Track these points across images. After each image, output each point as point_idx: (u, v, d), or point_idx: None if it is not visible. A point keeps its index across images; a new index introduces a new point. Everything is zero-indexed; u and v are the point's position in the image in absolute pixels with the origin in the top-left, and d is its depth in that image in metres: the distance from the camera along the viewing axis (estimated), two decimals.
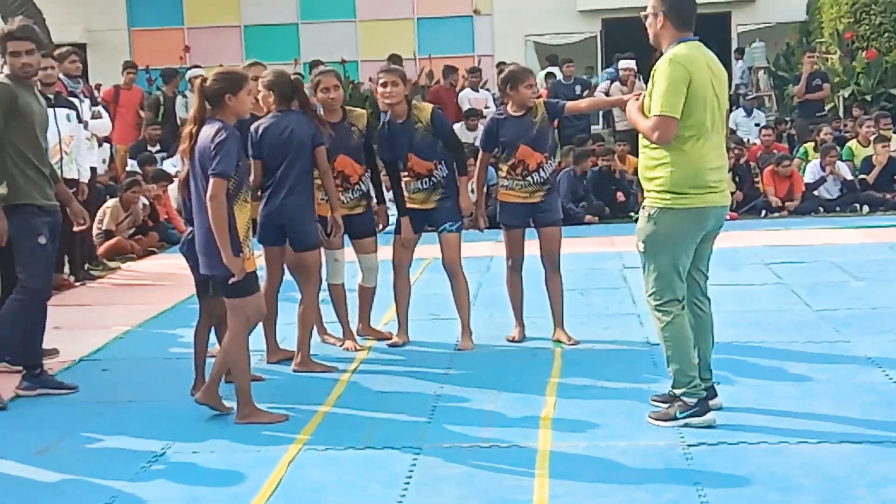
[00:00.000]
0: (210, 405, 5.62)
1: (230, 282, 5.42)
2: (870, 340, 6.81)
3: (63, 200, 6.47)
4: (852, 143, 14.92)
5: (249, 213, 5.56)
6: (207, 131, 5.40)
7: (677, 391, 5.26)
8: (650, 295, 5.30)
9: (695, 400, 5.22)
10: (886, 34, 18.93)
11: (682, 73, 5.08)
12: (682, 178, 5.14)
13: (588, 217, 13.21)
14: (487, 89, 17.60)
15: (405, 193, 7.04)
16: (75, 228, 6.81)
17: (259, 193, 6.47)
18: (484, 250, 10.17)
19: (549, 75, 16.60)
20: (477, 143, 8.68)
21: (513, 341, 7.15)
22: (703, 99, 5.12)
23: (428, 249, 7.33)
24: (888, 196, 13.75)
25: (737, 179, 13.63)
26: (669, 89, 5.08)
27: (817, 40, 20.53)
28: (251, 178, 6.45)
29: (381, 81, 6.91)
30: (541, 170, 6.94)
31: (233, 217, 5.39)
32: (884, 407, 5.48)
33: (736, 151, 13.75)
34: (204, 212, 5.40)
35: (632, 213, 13.15)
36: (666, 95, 5.08)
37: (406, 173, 7.02)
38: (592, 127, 17.91)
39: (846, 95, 18.38)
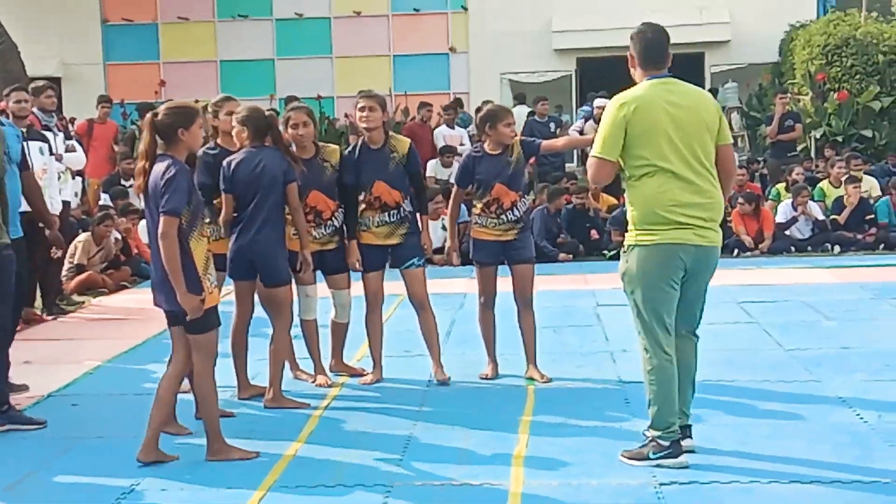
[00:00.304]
0: (153, 461, 5.44)
1: (188, 318, 5.38)
2: (841, 380, 6.84)
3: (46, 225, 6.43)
4: (824, 184, 15.05)
5: (207, 246, 5.50)
6: (158, 168, 5.34)
7: (653, 433, 5.26)
8: (637, 334, 5.31)
9: (668, 442, 5.22)
10: (858, 76, 19.14)
11: (619, 114, 5.16)
12: (641, 215, 5.19)
13: (562, 255, 13.24)
14: (462, 126, 17.67)
15: (366, 227, 7.00)
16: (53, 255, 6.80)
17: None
18: (457, 287, 10.17)
19: (531, 113, 16.73)
20: (452, 180, 8.69)
21: (485, 379, 7.14)
22: (653, 136, 5.12)
23: (402, 286, 7.32)
24: (859, 236, 13.86)
25: None
26: (603, 131, 5.21)
27: (789, 81, 20.74)
28: (223, 212, 6.46)
29: (359, 106, 6.93)
30: (515, 208, 6.96)
31: (188, 253, 5.33)
32: (855, 447, 5.50)
33: None
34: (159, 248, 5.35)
35: (605, 251, 13.19)
36: (599, 137, 5.22)
37: (366, 204, 6.99)
38: (567, 165, 17.99)
39: (818, 136, 18.56)
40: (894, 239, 13.74)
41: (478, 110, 7.28)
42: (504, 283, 7.16)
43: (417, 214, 7.13)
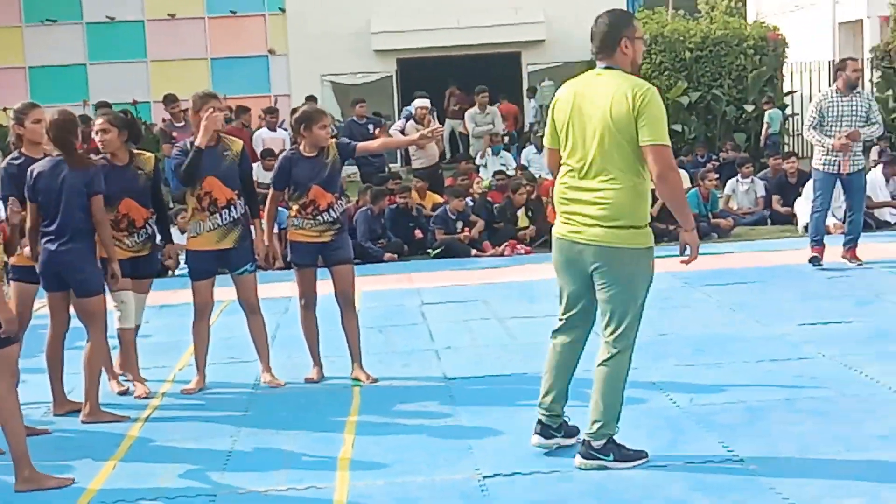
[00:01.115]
0: None
1: (3, 332, 5.13)
2: (655, 366, 7.08)
3: None
4: None
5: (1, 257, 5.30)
6: None
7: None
8: None
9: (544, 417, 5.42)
10: (666, 72, 19.84)
11: (552, 106, 5.33)
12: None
13: (387, 255, 13.28)
14: (284, 129, 17.52)
15: (195, 233, 6.90)
16: None
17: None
18: (282, 291, 10.08)
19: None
20: None
21: (311, 381, 7.11)
22: (562, 129, 5.20)
23: (226, 292, 7.22)
24: (671, 227, 14.33)
25: (530, 214, 13.96)
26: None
27: None
28: (28, 222, 6.24)
29: (206, 105, 6.83)
30: (331, 209, 6.95)
31: None
32: (668, 430, 5.70)
33: (528, 187, 14.09)
34: None
35: (429, 250, 13.28)
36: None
37: (195, 201, 6.86)
38: (390, 165, 18.06)
39: None
40: (704, 229, 14.27)
41: (293, 112, 7.24)
42: (327, 285, 7.14)
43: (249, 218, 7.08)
